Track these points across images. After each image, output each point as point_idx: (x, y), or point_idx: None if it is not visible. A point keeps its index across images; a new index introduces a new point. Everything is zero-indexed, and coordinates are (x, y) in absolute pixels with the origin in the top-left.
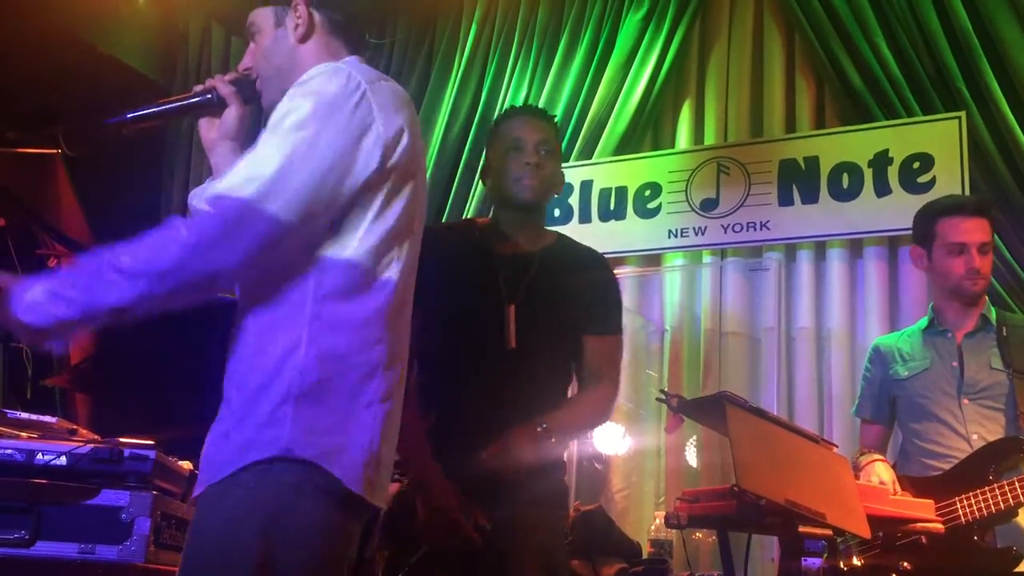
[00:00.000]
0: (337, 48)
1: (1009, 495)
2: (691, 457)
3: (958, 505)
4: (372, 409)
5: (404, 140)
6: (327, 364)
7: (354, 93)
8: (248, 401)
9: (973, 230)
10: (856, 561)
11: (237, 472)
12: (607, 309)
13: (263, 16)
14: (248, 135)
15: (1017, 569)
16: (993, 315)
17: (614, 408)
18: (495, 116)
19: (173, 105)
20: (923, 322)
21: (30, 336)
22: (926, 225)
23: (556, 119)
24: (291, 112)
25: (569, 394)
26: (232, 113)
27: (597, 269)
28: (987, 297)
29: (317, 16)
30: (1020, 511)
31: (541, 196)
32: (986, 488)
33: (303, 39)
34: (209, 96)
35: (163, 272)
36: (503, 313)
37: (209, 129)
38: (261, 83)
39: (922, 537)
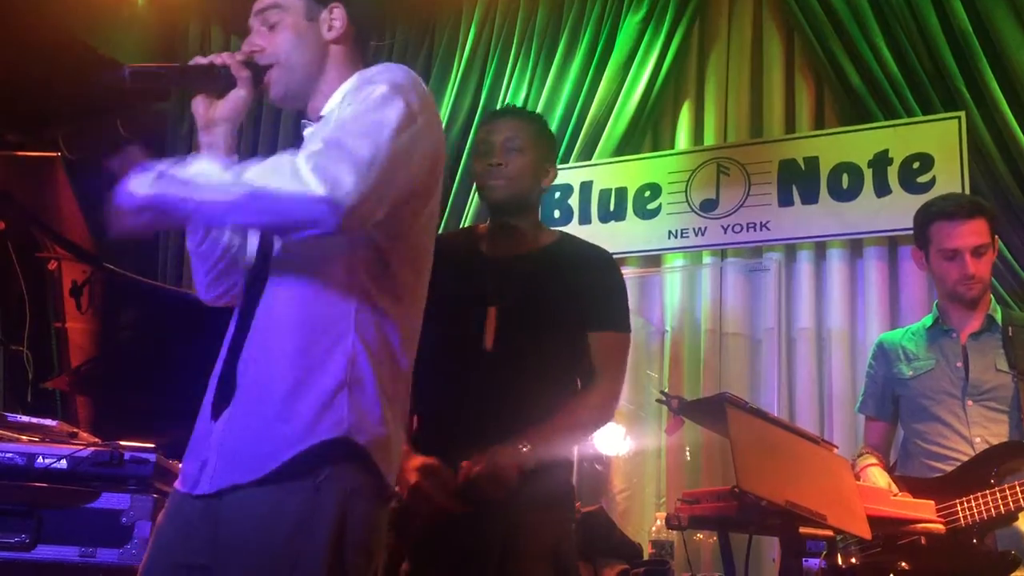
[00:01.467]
0: (357, 59)
1: (1010, 499)
2: (692, 458)
3: (958, 508)
4: (395, 407)
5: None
6: (369, 359)
7: (431, 105)
8: (296, 388)
9: (966, 234)
10: (855, 561)
11: (295, 458)
12: (608, 305)
13: (292, 5)
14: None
15: (1015, 573)
16: (999, 315)
17: (615, 407)
18: None
19: (177, 69)
20: (928, 320)
21: (134, 218)
22: (921, 229)
23: (534, 115)
24: (392, 108)
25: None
26: (240, 95)
27: (599, 266)
28: (992, 297)
29: (349, 23)
30: (1020, 515)
31: (510, 194)
32: (987, 491)
33: (336, 41)
34: (220, 73)
35: (261, 190)
36: (483, 314)
37: (209, 107)
38: (278, 72)
39: (922, 538)
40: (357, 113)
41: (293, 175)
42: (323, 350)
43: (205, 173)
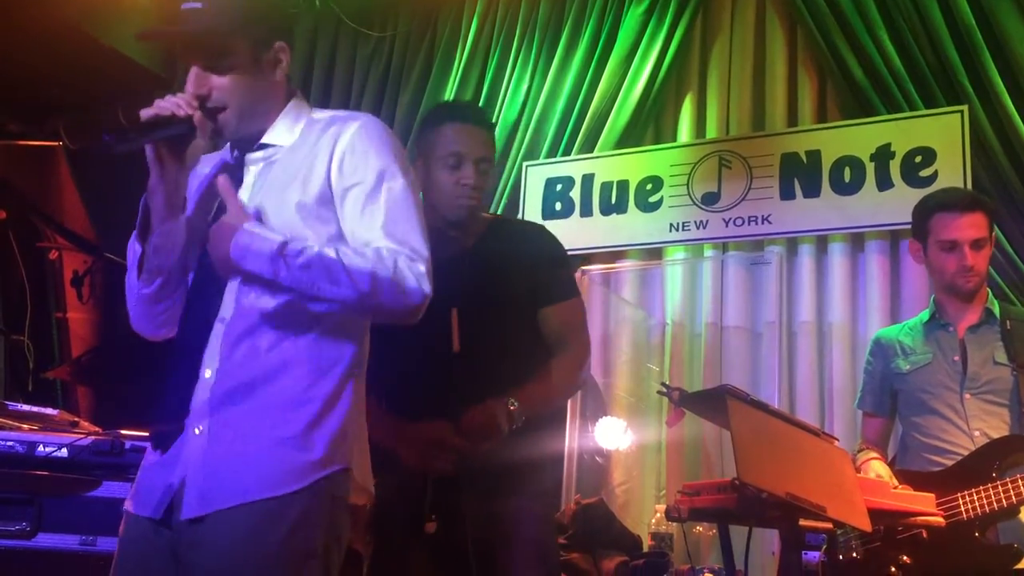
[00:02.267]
0: (287, 85)
1: (1012, 493)
2: (692, 450)
3: (960, 501)
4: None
5: None
6: (357, 388)
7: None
8: (319, 416)
9: (965, 226)
10: (855, 554)
11: (313, 483)
12: (552, 275)
13: (240, 47)
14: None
15: (1017, 566)
16: (997, 308)
17: (588, 368)
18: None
19: (149, 125)
20: (924, 315)
21: (227, 269)
22: (920, 221)
23: (491, 121)
24: (399, 182)
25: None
26: (199, 145)
27: (532, 239)
28: (990, 290)
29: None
30: (1022, 509)
31: (471, 215)
32: (988, 485)
33: (281, 80)
34: (184, 122)
35: (365, 296)
36: (446, 317)
37: (171, 159)
38: (230, 117)
39: (922, 532)
40: (397, 202)
41: (401, 281)
42: (335, 383)
43: (326, 267)
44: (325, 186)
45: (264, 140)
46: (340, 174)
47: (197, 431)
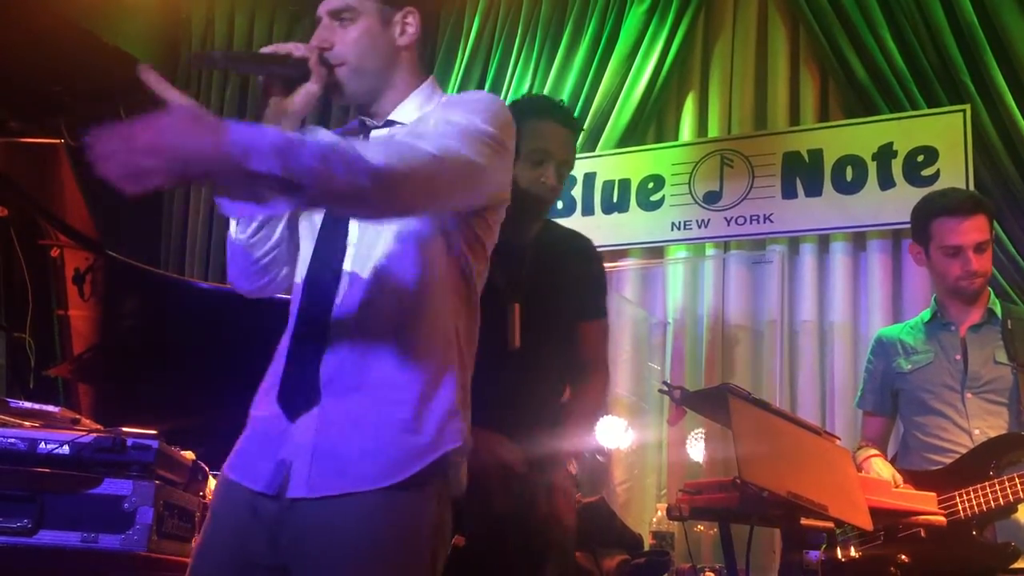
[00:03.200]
0: (423, 64)
1: (1009, 491)
2: (693, 449)
3: (958, 500)
4: None
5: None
6: (463, 372)
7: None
8: (425, 395)
9: (969, 231)
10: (855, 553)
11: (423, 470)
12: (597, 291)
13: (366, 6)
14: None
15: (1015, 565)
16: (998, 308)
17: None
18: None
19: (258, 56)
20: (926, 314)
21: (219, 167)
22: (922, 224)
23: (581, 127)
24: (478, 129)
25: None
26: (313, 90)
27: (584, 252)
28: (991, 290)
29: (420, 29)
30: (1020, 507)
31: (545, 213)
32: (986, 483)
33: (407, 46)
34: (296, 64)
35: (389, 183)
36: (505, 312)
37: (281, 98)
38: (347, 72)
39: (921, 530)
40: (453, 119)
41: (412, 149)
42: (439, 360)
43: (330, 151)
44: None
45: (392, 116)
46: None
47: (316, 408)
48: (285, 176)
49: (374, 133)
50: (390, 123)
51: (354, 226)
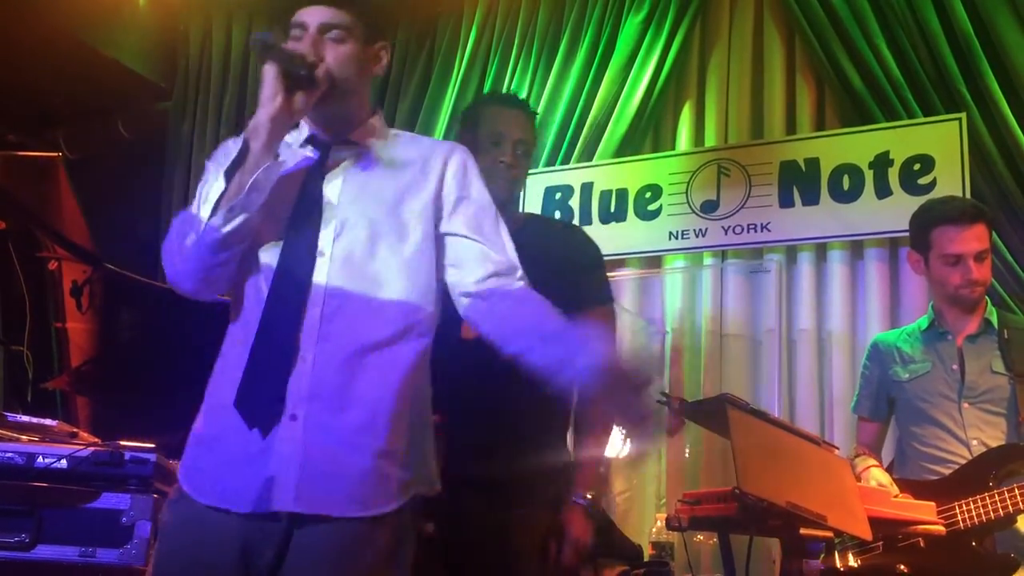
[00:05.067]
0: (374, 97)
1: (1009, 502)
2: (692, 459)
3: (957, 511)
4: None
5: None
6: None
7: None
8: (412, 442)
9: (969, 240)
10: (853, 562)
11: (407, 504)
12: (593, 276)
13: (357, 30)
14: None
15: (1017, 574)
16: (995, 317)
17: None
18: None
19: (286, 52)
20: (923, 322)
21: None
22: (921, 233)
23: (535, 111)
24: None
25: None
26: (314, 96)
27: (569, 238)
28: (988, 299)
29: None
30: (1019, 518)
31: (508, 196)
32: (986, 494)
33: (376, 75)
34: (307, 66)
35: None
36: None
37: (291, 97)
38: (335, 89)
39: (920, 540)
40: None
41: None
42: (421, 409)
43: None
44: (429, 199)
45: (352, 137)
46: (455, 189)
47: (293, 421)
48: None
49: (337, 150)
50: (350, 143)
51: (327, 234)
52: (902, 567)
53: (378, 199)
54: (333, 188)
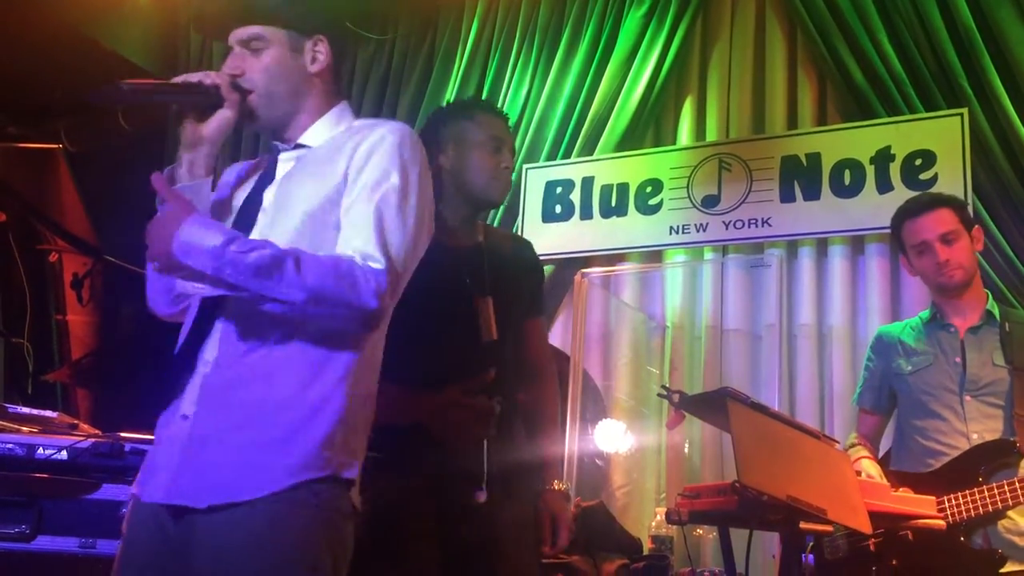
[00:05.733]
0: (334, 89)
1: (998, 498)
2: (692, 453)
3: (946, 504)
4: (366, 432)
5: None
6: (355, 401)
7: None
8: (301, 422)
9: (929, 225)
10: (843, 555)
11: (292, 488)
12: (540, 289)
13: (275, 36)
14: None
15: (1002, 570)
16: (996, 311)
17: None
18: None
19: (170, 86)
20: (925, 314)
21: (170, 267)
22: (896, 235)
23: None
24: (395, 182)
25: None
26: (226, 116)
27: (529, 251)
28: (990, 292)
29: (330, 56)
30: (1008, 513)
31: (503, 199)
32: (975, 489)
33: (318, 73)
34: (209, 91)
35: (322, 297)
36: (476, 306)
37: (195, 126)
38: (258, 100)
39: (908, 534)
40: (382, 208)
41: (352, 288)
42: (326, 390)
43: (272, 267)
44: (335, 191)
45: (301, 140)
46: (351, 173)
47: (185, 418)
48: (214, 276)
49: (283, 155)
50: (299, 146)
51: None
52: (892, 561)
53: (299, 203)
54: (269, 195)
